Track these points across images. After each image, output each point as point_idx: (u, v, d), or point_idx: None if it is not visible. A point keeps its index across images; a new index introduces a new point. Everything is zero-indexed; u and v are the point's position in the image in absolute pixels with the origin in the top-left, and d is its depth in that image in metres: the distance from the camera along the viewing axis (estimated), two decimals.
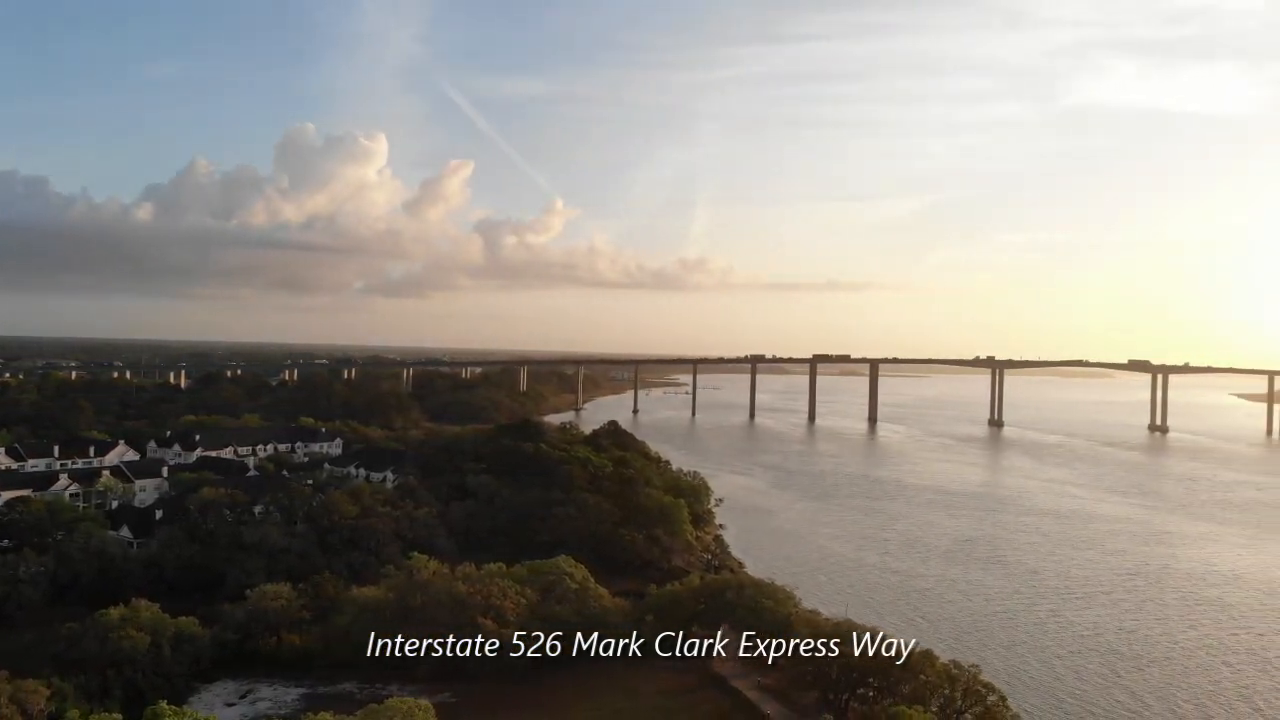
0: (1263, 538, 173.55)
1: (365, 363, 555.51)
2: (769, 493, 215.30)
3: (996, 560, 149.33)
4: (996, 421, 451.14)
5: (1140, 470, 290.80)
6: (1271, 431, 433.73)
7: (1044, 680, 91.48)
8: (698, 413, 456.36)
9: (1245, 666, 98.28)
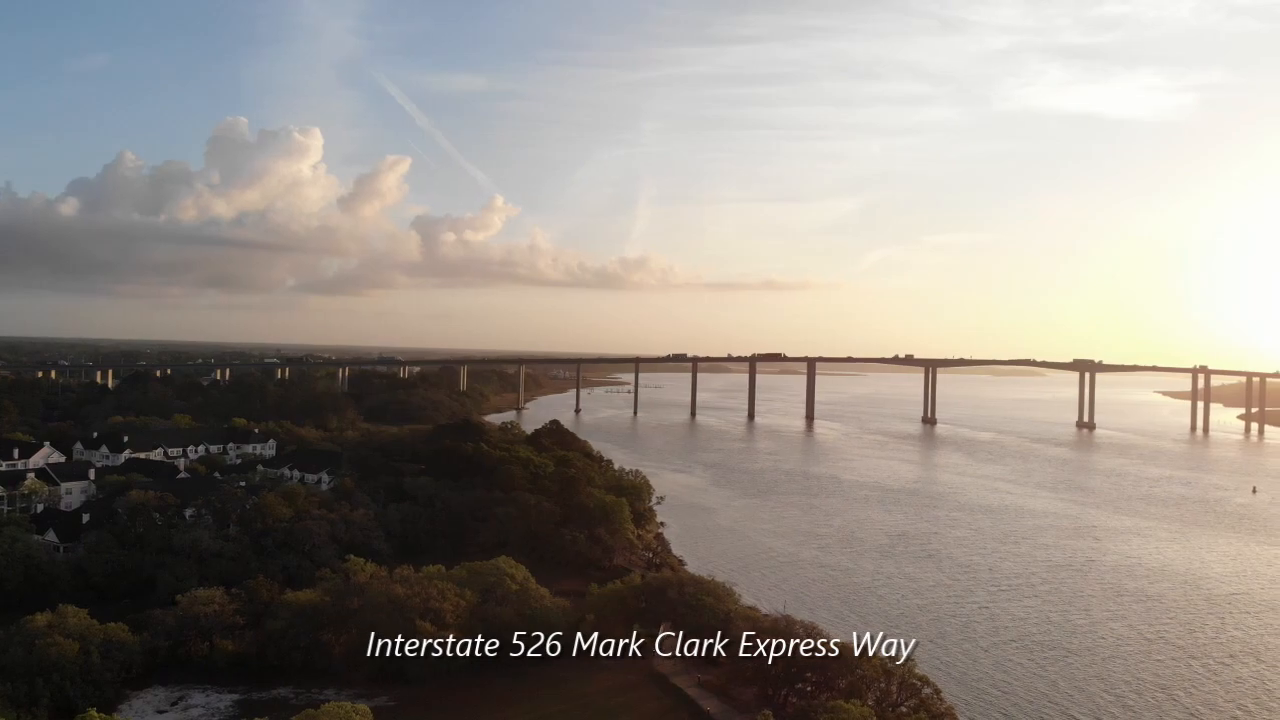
0: (1186, 532, 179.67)
1: (300, 362, 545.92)
2: (709, 490, 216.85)
3: (930, 555, 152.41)
4: (930, 419, 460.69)
5: (1068, 466, 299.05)
6: (1195, 428, 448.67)
7: (974, 672, 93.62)
8: (640, 411, 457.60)
9: (1169, 657, 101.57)
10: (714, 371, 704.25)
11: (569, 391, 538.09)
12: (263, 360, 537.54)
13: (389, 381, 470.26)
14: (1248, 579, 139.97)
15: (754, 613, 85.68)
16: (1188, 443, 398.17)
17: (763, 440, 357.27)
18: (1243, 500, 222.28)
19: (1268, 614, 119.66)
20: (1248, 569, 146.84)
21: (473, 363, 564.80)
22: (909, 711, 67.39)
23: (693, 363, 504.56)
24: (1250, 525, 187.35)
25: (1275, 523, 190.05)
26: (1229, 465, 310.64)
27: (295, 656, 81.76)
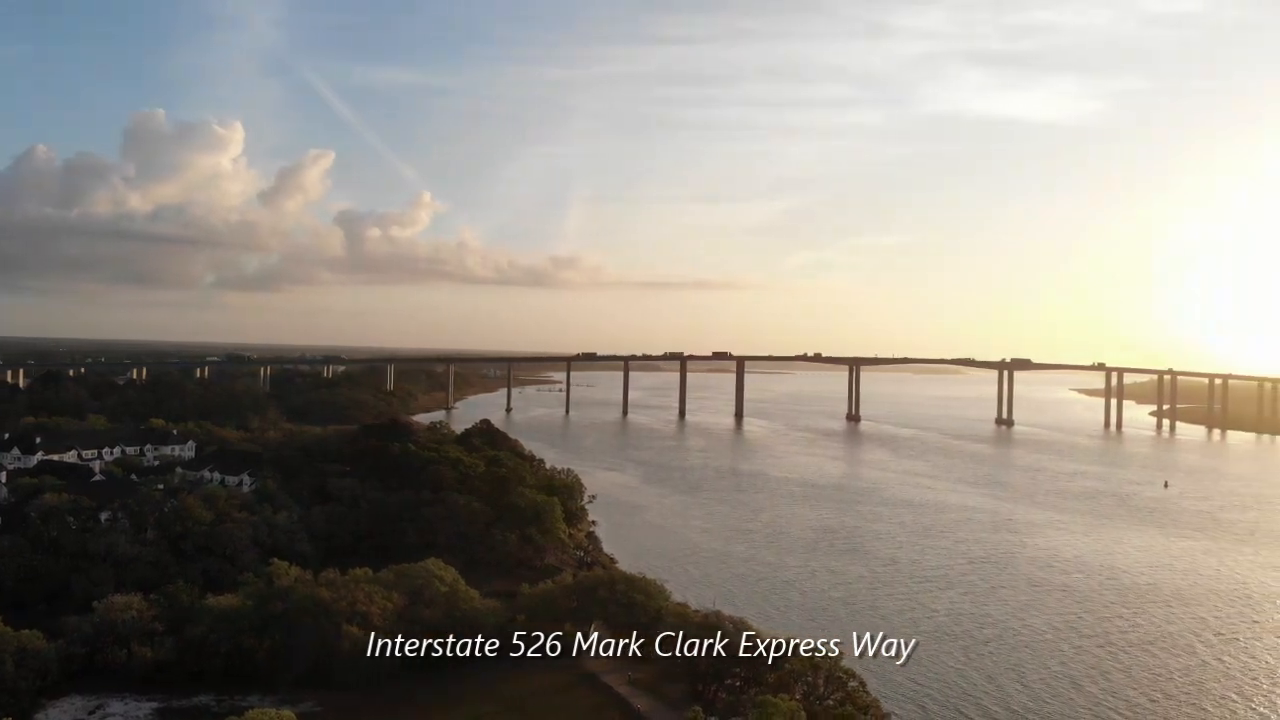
0: (1101, 525, 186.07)
1: (220, 361, 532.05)
2: (641, 488, 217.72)
3: (856, 549, 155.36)
4: (854, 416, 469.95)
5: (988, 462, 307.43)
6: (1109, 424, 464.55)
7: (900, 666, 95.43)
8: (572, 410, 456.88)
9: (1083, 648, 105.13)
10: (646, 370, 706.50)
11: (500, 390, 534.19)
12: (205, 359, 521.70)
13: (313, 381, 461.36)
14: (1158, 571, 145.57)
15: (684, 609, 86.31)
16: (1102, 439, 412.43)
17: (693, 438, 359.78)
18: (1154, 494, 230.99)
19: (1177, 605, 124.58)
20: (1158, 561, 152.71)
21: (400, 361, 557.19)
22: (835, 704, 68.62)
23: (625, 361, 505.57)
24: (1161, 519, 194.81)
25: (1185, 516, 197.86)
26: (1141, 460, 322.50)
27: (217, 663, 79.87)
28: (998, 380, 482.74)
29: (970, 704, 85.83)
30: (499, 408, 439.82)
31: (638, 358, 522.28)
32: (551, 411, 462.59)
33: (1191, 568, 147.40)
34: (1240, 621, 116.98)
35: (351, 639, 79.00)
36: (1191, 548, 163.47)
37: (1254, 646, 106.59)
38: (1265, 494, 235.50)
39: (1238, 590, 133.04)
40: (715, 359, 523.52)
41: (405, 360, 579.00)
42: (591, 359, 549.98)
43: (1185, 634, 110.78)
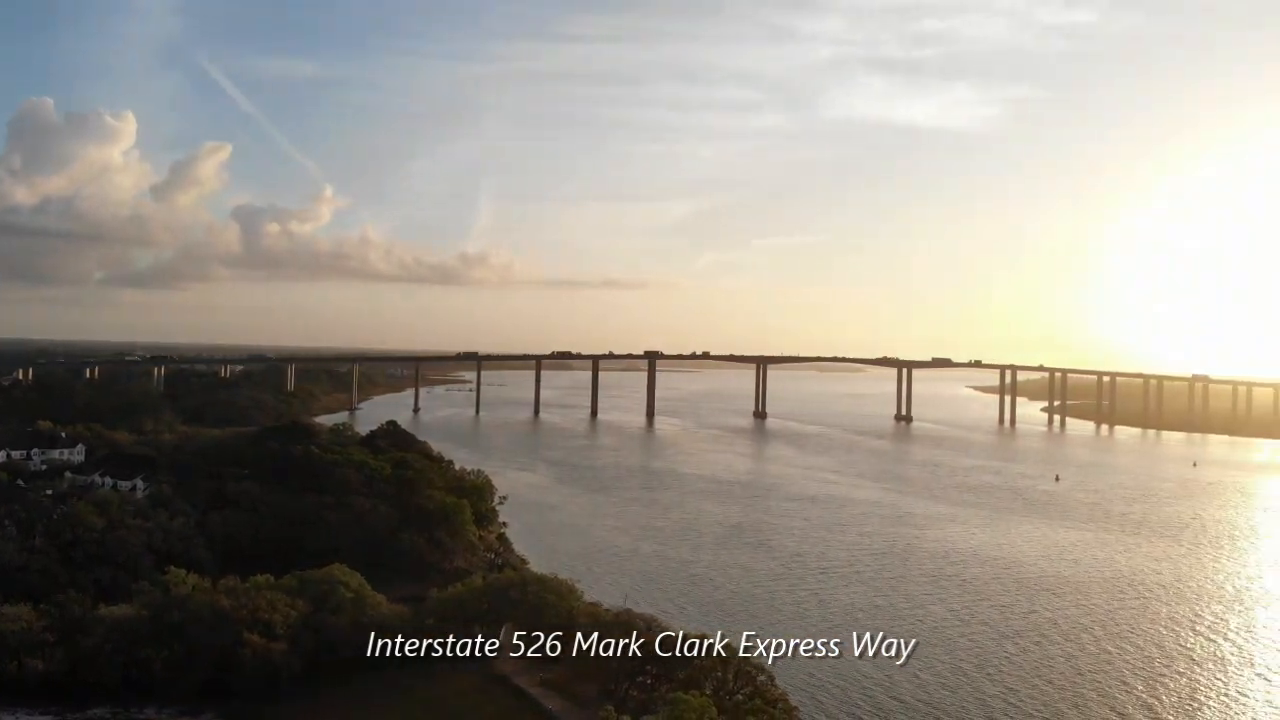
0: (997, 518, 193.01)
1: (110, 360, 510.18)
2: (552, 488, 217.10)
3: (763, 544, 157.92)
4: (761, 413, 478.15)
5: (888, 457, 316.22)
6: (1003, 421, 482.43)
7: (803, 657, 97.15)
8: (482, 410, 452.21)
9: (984, 637, 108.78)
10: (558, 369, 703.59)
11: (407, 390, 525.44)
12: (95, 359, 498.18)
13: (209, 381, 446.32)
14: (1053, 561, 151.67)
15: (596, 608, 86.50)
16: (996, 434, 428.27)
17: (605, 437, 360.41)
18: (1047, 488, 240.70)
19: (1071, 594, 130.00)
20: (1053, 552, 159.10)
21: (301, 361, 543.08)
22: (745, 698, 69.73)
23: (536, 360, 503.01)
24: (1053, 511, 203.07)
25: (1076, 509, 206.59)
26: (1034, 455, 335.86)
27: (112, 674, 76.90)
28: (897, 378, 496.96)
29: (864, 696, 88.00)
30: (406, 408, 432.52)
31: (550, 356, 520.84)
32: (461, 411, 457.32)
33: (1082, 558, 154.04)
34: (1128, 610, 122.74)
35: (253, 648, 76.96)
36: (1082, 539, 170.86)
37: (1140, 634, 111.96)
38: (1150, 487, 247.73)
39: (1126, 580, 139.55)
40: (627, 358, 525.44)
41: (307, 360, 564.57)
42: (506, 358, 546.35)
43: (1076, 623, 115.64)
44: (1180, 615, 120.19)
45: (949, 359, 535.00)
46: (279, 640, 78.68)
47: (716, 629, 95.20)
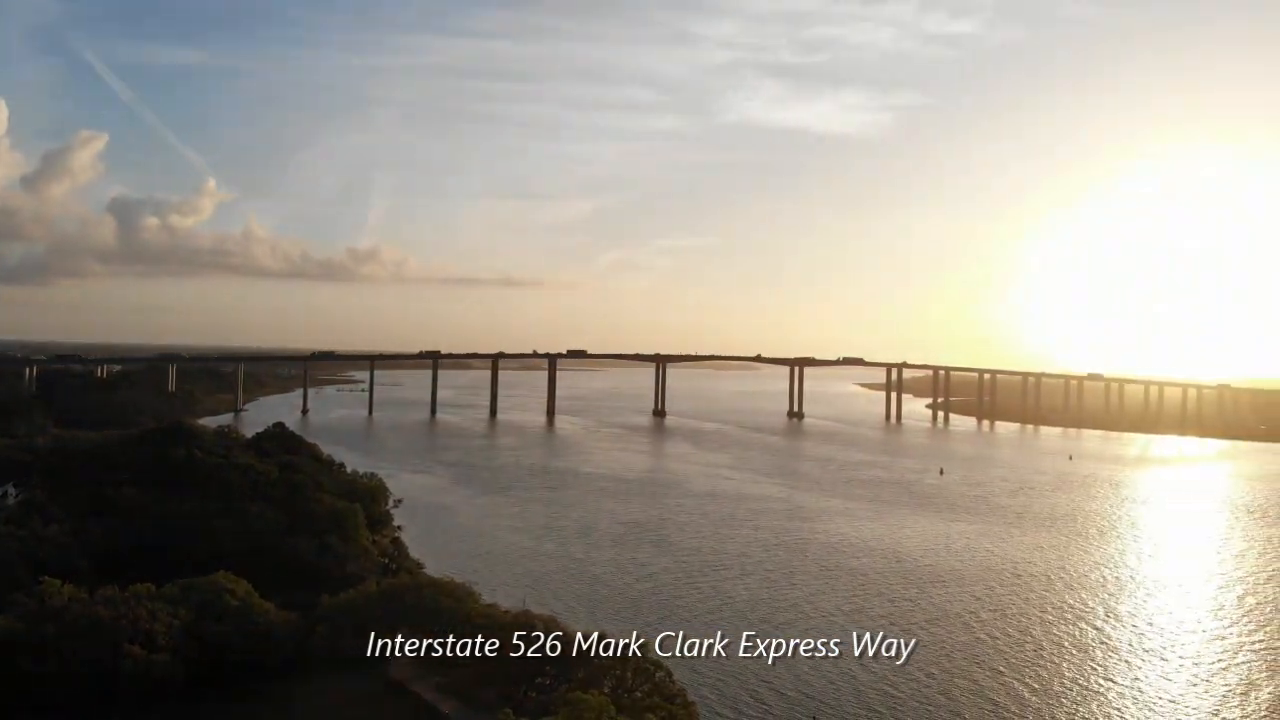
0: (885, 510, 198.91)
1: None
2: (450, 489, 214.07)
3: (662, 541, 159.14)
4: (660, 411, 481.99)
5: (782, 453, 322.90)
6: (890, 417, 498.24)
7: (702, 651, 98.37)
8: (375, 411, 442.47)
9: (874, 629, 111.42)
10: (456, 368, 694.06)
11: (296, 391, 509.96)
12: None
13: (85, 381, 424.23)
14: (938, 553, 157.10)
15: (495, 610, 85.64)
16: (884, 430, 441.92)
17: (504, 437, 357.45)
18: (932, 481, 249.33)
19: (954, 584, 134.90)
20: (938, 543, 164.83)
21: (183, 361, 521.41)
22: (644, 695, 70.13)
23: (433, 360, 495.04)
24: (938, 504, 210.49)
25: (960, 501, 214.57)
26: (920, 450, 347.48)
27: None
28: (790, 376, 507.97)
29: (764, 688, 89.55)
30: (294, 409, 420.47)
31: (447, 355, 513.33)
32: (353, 413, 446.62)
33: (967, 549, 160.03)
34: (1011, 599, 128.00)
35: (134, 659, 73.73)
36: (966, 530, 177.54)
37: (1023, 622, 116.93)
38: (1029, 480, 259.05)
39: (1009, 569, 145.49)
40: (528, 357, 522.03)
41: (189, 359, 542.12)
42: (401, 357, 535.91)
43: (962, 612, 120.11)
44: (1058, 603, 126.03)
45: (839, 357, 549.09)
46: (161, 651, 75.60)
47: (617, 627, 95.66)
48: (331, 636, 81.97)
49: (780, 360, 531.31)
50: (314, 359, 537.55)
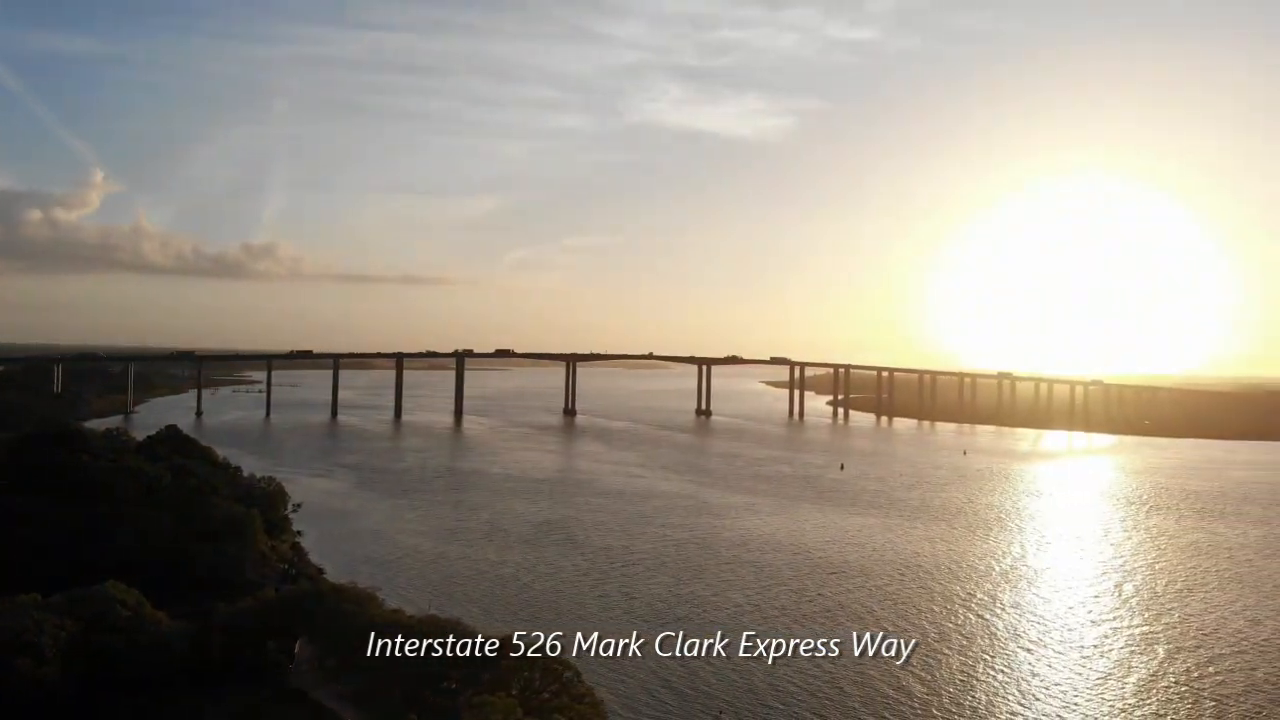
0: (790, 505, 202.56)
1: None
2: (352, 493, 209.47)
3: (573, 541, 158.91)
4: (570, 411, 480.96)
5: (691, 450, 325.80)
6: (793, 413, 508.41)
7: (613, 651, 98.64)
8: (273, 412, 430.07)
9: (781, 622, 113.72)
10: (358, 368, 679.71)
11: (189, 392, 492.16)
12: None
13: None
14: (841, 546, 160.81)
15: (399, 615, 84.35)
16: (787, 426, 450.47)
17: (410, 438, 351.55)
18: (834, 476, 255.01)
19: (857, 577, 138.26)
20: (840, 537, 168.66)
21: (69, 360, 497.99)
22: (551, 696, 70.00)
23: (334, 359, 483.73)
24: (840, 498, 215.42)
25: (860, 496, 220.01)
26: (822, 446, 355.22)
27: None
28: (698, 374, 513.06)
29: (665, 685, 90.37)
30: (188, 411, 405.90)
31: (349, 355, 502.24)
32: (250, 414, 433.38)
33: (867, 542, 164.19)
34: (911, 590, 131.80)
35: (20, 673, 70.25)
36: (866, 524, 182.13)
37: (921, 612, 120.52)
38: (926, 474, 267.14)
39: (907, 561, 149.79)
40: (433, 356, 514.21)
41: (75, 359, 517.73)
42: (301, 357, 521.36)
43: (865, 604, 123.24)
44: (954, 593, 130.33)
45: (745, 356, 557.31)
46: (49, 664, 72.27)
47: (525, 628, 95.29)
48: (229, 645, 79.49)
49: (689, 359, 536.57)
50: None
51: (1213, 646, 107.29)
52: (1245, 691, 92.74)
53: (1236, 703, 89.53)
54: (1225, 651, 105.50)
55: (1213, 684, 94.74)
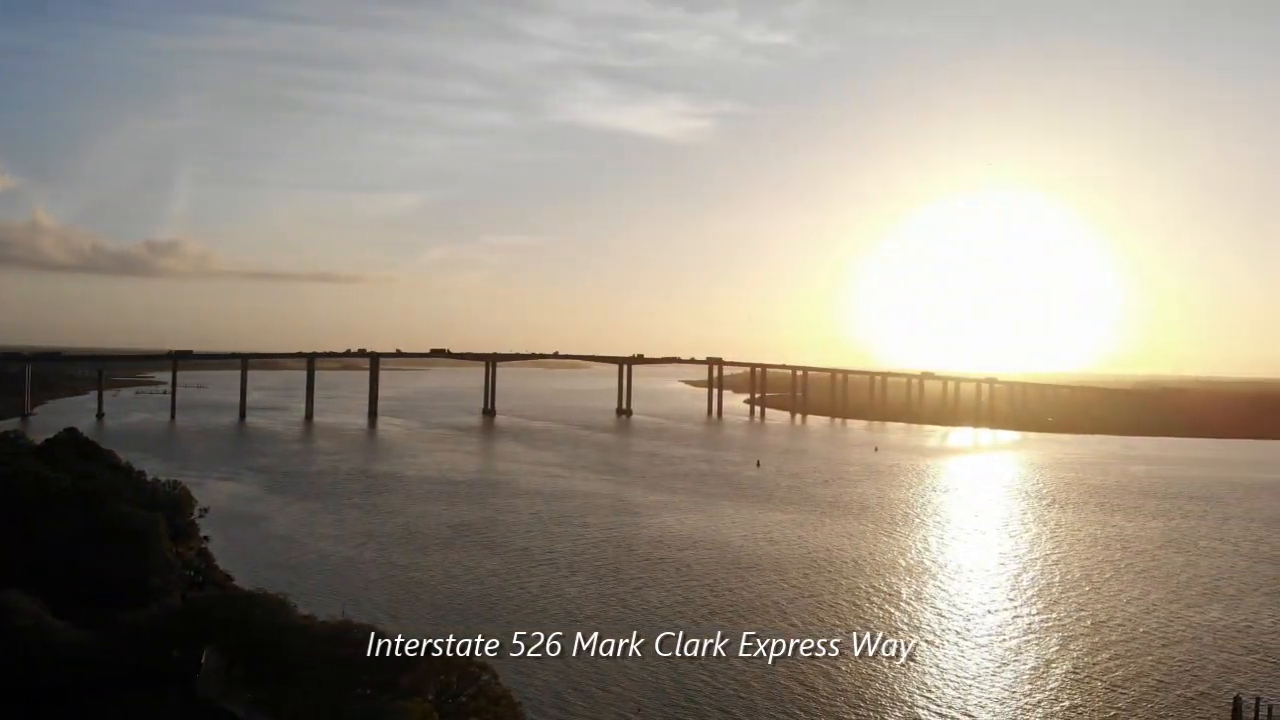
0: (707, 503, 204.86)
1: None
2: (262, 498, 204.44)
3: (491, 543, 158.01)
4: (490, 411, 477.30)
5: (611, 450, 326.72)
6: (711, 412, 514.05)
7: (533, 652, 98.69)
8: (179, 415, 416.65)
9: (700, 619, 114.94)
10: (268, 369, 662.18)
11: (90, 394, 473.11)
12: None
13: None
14: (757, 542, 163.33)
15: (311, 621, 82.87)
16: (706, 425, 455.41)
17: (322, 440, 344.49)
18: (751, 473, 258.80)
19: (772, 571, 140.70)
20: (756, 533, 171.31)
21: None
22: (469, 699, 69.70)
23: (242, 359, 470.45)
24: (756, 495, 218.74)
25: (776, 492, 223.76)
26: (739, 443, 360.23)
27: None
28: (618, 374, 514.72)
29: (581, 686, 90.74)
30: (89, 413, 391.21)
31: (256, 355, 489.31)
32: (154, 417, 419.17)
33: (782, 538, 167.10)
34: (823, 584, 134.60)
35: None
36: (782, 520, 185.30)
37: (837, 606, 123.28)
38: (839, 470, 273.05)
39: (821, 556, 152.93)
40: (347, 356, 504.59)
41: None
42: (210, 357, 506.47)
43: (779, 600, 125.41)
44: (866, 587, 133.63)
45: (665, 356, 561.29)
46: None
47: (442, 632, 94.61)
48: (133, 655, 77.02)
49: (610, 358, 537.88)
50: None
51: (1106, 635, 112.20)
52: (1135, 677, 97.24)
53: (1126, 689, 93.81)
54: (1118, 639, 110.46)
55: (1104, 670, 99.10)
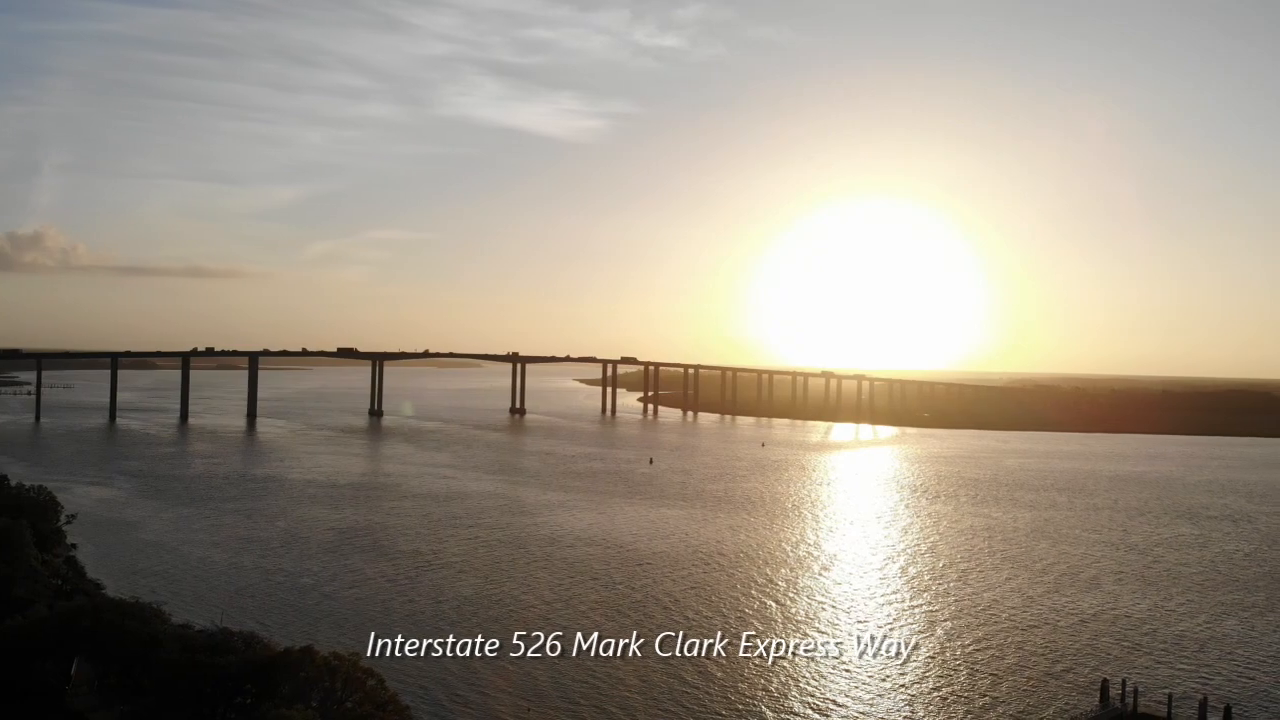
0: (602, 500, 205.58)
1: None
2: (133, 503, 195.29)
3: (379, 547, 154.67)
4: (377, 411, 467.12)
5: (505, 449, 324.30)
6: (606, 410, 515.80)
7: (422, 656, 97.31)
8: (44, 416, 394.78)
9: (599, 616, 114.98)
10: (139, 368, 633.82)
11: None
12: None
13: None
14: (650, 538, 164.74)
15: (187, 630, 79.84)
16: (600, 423, 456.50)
17: (198, 443, 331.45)
18: (644, 470, 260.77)
19: (664, 567, 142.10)
20: (649, 530, 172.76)
21: None
22: (354, 705, 68.18)
23: (112, 359, 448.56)
24: (650, 491, 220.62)
25: (668, 488, 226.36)
26: (633, 441, 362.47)
27: None
28: (511, 372, 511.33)
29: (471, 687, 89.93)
30: None
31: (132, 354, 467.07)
32: (16, 418, 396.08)
33: (675, 533, 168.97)
34: (715, 578, 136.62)
35: None
36: (674, 515, 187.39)
37: (728, 598, 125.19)
38: (729, 466, 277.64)
39: (712, 550, 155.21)
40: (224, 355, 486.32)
41: None
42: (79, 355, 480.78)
43: (672, 594, 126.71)
44: (754, 579, 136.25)
45: (559, 355, 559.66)
46: None
47: (327, 638, 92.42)
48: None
49: (502, 357, 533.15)
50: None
51: (976, 620, 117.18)
52: (1003, 661, 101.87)
53: (995, 673, 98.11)
54: (988, 625, 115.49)
55: (972, 655, 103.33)
